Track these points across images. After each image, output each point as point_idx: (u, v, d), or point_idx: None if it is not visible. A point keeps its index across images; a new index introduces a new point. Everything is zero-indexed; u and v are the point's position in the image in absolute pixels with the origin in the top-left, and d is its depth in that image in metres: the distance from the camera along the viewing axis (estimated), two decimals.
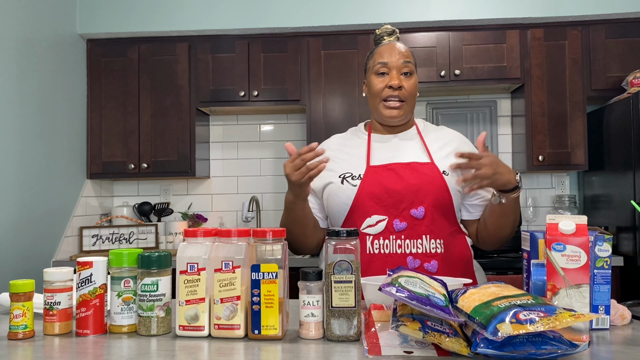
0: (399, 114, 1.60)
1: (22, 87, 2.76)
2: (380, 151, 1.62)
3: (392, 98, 1.58)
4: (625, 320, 1.18)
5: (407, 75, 1.59)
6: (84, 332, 1.15)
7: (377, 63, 1.60)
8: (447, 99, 3.57)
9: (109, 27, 3.33)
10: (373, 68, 1.61)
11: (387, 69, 1.59)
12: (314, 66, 3.30)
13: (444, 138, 1.65)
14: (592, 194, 3.28)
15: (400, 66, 1.58)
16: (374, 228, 1.52)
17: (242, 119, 3.68)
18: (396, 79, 1.57)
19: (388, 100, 1.58)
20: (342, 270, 1.07)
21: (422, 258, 1.51)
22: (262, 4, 3.27)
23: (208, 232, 1.17)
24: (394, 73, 1.58)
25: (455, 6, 3.18)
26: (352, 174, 1.58)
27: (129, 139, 3.37)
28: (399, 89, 1.57)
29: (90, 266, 1.17)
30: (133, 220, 3.45)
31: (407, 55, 1.60)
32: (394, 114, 1.59)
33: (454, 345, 0.93)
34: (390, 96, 1.58)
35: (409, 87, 1.59)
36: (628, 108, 2.83)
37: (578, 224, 1.12)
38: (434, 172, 1.55)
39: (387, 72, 1.59)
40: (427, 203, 1.52)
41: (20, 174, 2.74)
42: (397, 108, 1.59)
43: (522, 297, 0.96)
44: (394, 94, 1.57)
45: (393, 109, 1.59)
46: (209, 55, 3.35)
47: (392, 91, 1.57)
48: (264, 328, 1.09)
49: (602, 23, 3.18)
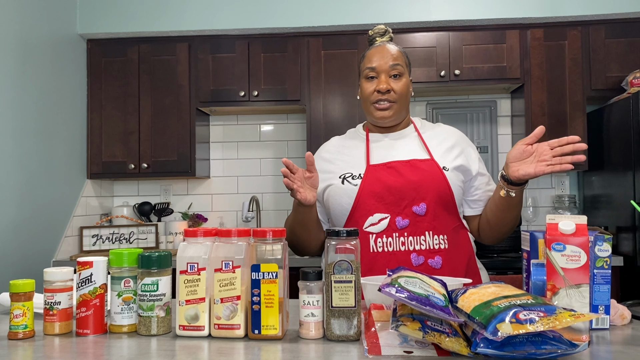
0: (389, 115, 1.61)
1: (22, 87, 2.76)
2: (379, 150, 1.63)
3: (381, 101, 1.60)
4: (625, 320, 1.18)
5: (396, 77, 1.60)
6: (84, 332, 1.15)
7: (366, 68, 1.62)
8: (447, 99, 3.57)
9: (109, 27, 3.33)
10: (363, 72, 1.64)
11: (375, 73, 1.61)
12: (314, 66, 3.30)
13: (442, 134, 1.66)
14: (592, 194, 3.28)
15: (388, 70, 1.59)
16: (377, 226, 1.52)
17: (242, 119, 3.69)
18: (384, 83, 1.59)
19: (378, 102, 1.60)
20: (342, 270, 1.07)
21: (426, 254, 1.51)
22: (262, 4, 3.27)
23: (208, 232, 1.17)
24: (383, 77, 1.59)
25: (455, 6, 3.18)
26: (352, 174, 1.59)
27: (129, 139, 3.37)
28: (387, 92, 1.59)
29: (90, 266, 1.17)
30: (133, 220, 3.45)
31: (397, 57, 1.61)
32: (384, 114, 1.61)
33: (453, 345, 0.93)
34: (379, 100, 1.60)
35: (399, 88, 1.60)
36: (628, 108, 2.83)
37: (578, 224, 1.12)
38: (434, 168, 1.56)
39: (375, 76, 1.61)
40: (429, 199, 1.53)
41: (21, 174, 2.74)
42: (387, 109, 1.60)
43: (522, 297, 0.96)
44: (383, 97, 1.59)
45: (383, 110, 1.60)
46: (209, 55, 3.35)
47: (381, 95, 1.59)
48: (264, 328, 1.09)
49: (602, 23, 3.18)
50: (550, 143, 1.39)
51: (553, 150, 1.39)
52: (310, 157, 1.45)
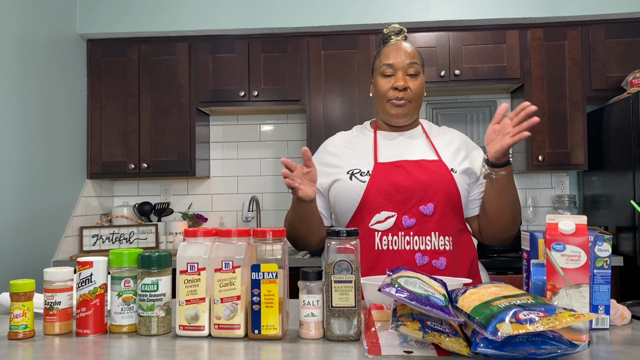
0: (405, 114, 1.61)
1: (22, 88, 2.76)
2: (387, 149, 1.63)
3: (398, 99, 1.59)
4: (625, 320, 1.18)
5: (412, 76, 1.60)
6: (84, 332, 1.15)
7: (383, 64, 1.61)
8: (447, 99, 3.57)
9: (109, 27, 3.33)
10: (379, 69, 1.62)
11: (392, 70, 1.60)
12: (314, 66, 3.30)
13: (449, 137, 1.67)
14: (592, 194, 3.29)
15: (405, 67, 1.59)
16: (383, 224, 1.52)
17: (242, 119, 3.69)
18: (401, 80, 1.58)
19: (394, 100, 1.59)
20: (342, 270, 1.07)
21: (431, 255, 1.51)
22: (262, 4, 3.28)
23: (208, 232, 1.17)
24: (400, 74, 1.59)
25: (455, 6, 3.18)
26: (360, 170, 1.58)
27: (129, 138, 3.37)
28: (404, 90, 1.58)
29: (90, 266, 1.17)
30: (133, 220, 3.45)
31: (414, 55, 1.61)
32: (400, 112, 1.60)
33: (453, 345, 0.93)
34: (395, 97, 1.59)
35: (415, 87, 1.59)
36: (628, 108, 2.83)
37: (578, 224, 1.12)
38: (442, 169, 1.56)
39: (392, 73, 1.60)
40: (437, 200, 1.53)
41: (21, 174, 2.74)
42: (403, 106, 1.59)
43: (522, 297, 0.96)
44: (399, 95, 1.58)
45: (399, 107, 1.59)
46: (209, 55, 3.35)
47: (398, 92, 1.58)
48: (264, 328, 1.09)
49: (602, 23, 3.18)
50: (510, 116, 1.44)
51: (512, 121, 1.43)
52: (307, 152, 1.43)
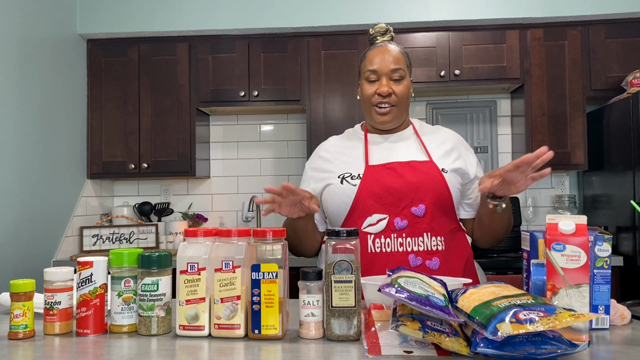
0: (389, 119, 1.61)
1: (22, 87, 2.76)
2: (378, 151, 1.63)
3: (382, 104, 1.59)
4: (625, 320, 1.18)
5: (397, 81, 1.59)
6: (84, 331, 1.16)
7: (367, 70, 1.61)
8: (447, 99, 3.57)
9: (109, 27, 3.33)
10: (364, 74, 1.62)
11: (376, 76, 1.59)
12: (314, 66, 3.30)
13: (441, 137, 1.66)
14: (592, 194, 3.28)
15: (389, 73, 1.58)
16: (375, 227, 1.52)
17: (242, 119, 3.69)
18: (385, 86, 1.57)
19: (378, 105, 1.59)
20: (342, 270, 1.07)
21: (424, 256, 1.51)
22: (262, 4, 3.28)
23: (208, 232, 1.17)
24: (384, 80, 1.58)
25: (455, 6, 3.18)
26: (351, 174, 1.59)
27: (129, 139, 3.37)
28: (388, 95, 1.58)
29: (90, 266, 1.17)
30: (133, 220, 3.45)
31: (398, 59, 1.60)
32: (384, 119, 1.60)
33: (453, 345, 0.93)
34: (380, 102, 1.59)
35: (400, 92, 1.59)
36: (628, 108, 2.83)
37: (578, 224, 1.12)
38: (433, 170, 1.56)
39: (376, 79, 1.60)
40: (428, 201, 1.53)
41: (21, 173, 2.74)
42: (388, 113, 1.59)
43: (522, 297, 0.96)
44: (384, 101, 1.58)
45: (383, 114, 1.59)
46: (209, 55, 3.35)
47: (382, 98, 1.58)
48: (264, 328, 1.09)
49: (602, 23, 3.18)
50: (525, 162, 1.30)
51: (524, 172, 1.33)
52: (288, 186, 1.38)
